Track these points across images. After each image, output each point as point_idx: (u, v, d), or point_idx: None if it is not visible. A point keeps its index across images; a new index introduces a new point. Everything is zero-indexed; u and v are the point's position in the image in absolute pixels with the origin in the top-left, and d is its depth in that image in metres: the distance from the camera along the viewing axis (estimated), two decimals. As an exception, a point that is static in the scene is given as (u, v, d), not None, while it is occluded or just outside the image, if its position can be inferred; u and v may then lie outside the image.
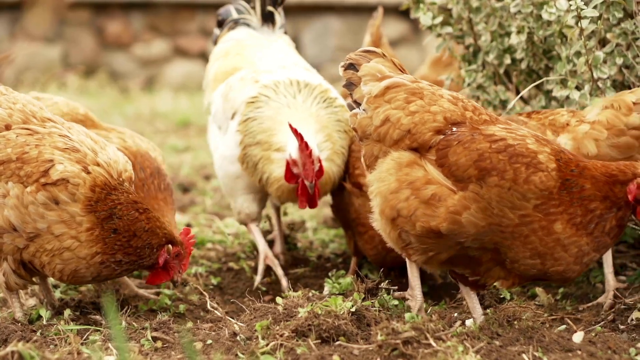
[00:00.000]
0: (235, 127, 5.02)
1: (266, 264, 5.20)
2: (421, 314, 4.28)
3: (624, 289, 4.79)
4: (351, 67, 4.34)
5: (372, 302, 4.48)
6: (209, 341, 4.09)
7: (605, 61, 4.81)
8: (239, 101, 5.05)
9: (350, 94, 4.33)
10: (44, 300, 4.66)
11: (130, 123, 10.21)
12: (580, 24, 4.68)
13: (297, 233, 5.91)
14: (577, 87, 4.84)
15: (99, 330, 4.31)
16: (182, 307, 4.77)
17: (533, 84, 5.04)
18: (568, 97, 4.86)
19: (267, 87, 5.03)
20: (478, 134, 4.01)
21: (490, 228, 3.90)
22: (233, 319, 4.48)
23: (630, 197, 3.87)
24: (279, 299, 4.40)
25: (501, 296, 4.65)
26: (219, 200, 7.29)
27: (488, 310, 4.22)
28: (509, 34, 5.20)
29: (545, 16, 4.87)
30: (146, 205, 4.35)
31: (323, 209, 6.66)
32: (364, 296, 4.56)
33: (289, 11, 5.44)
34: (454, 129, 4.07)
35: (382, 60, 4.33)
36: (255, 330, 4.07)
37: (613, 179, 3.88)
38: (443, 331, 3.98)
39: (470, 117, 4.11)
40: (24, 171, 4.16)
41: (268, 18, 5.49)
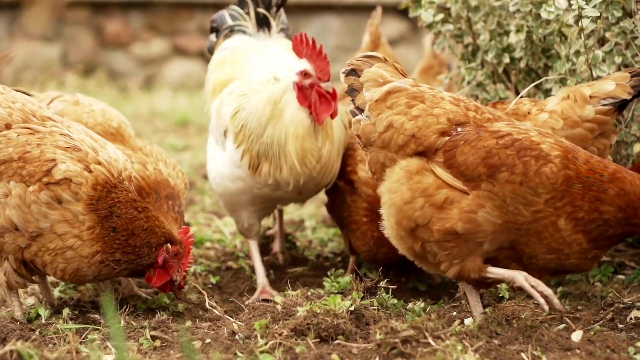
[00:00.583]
0: (232, 145, 4.92)
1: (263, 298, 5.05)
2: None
3: (623, 288, 4.79)
4: (353, 72, 4.31)
5: (371, 301, 4.48)
6: (208, 340, 4.09)
7: (604, 60, 4.81)
8: (228, 118, 4.95)
9: (353, 100, 4.30)
10: (42, 299, 4.66)
11: (129, 122, 10.19)
12: (581, 23, 4.68)
13: (295, 232, 5.91)
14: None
15: (97, 329, 4.30)
16: (180, 306, 4.77)
17: (533, 84, 5.04)
18: (567, 96, 4.86)
19: (246, 94, 4.96)
20: (484, 131, 4.01)
21: (507, 226, 3.90)
22: (232, 318, 4.48)
23: None
24: (277, 298, 4.40)
25: (500, 295, 4.65)
26: (217, 200, 7.28)
27: (487, 309, 4.22)
28: (507, 32, 5.20)
29: (544, 15, 4.87)
30: (145, 204, 4.34)
31: (321, 208, 6.66)
32: (362, 295, 4.55)
33: (287, 10, 5.42)
34: (459, 129, 4.06)
35: (383, 65, 4.30)
36: (254, 329, 4.07)
37: None
38: (442, 330, 3.98)
39: (473, 116, 4.10)
40: (26, 170, 4.16)
41: (263, 23, 5.41)
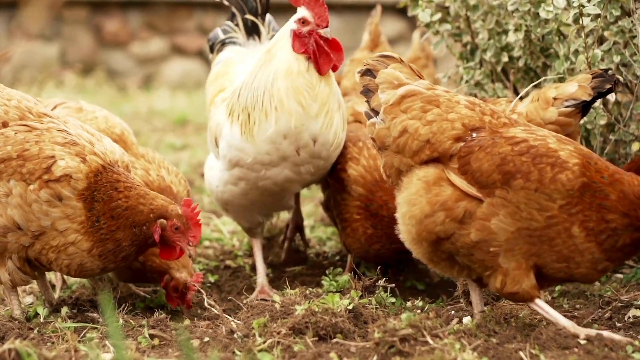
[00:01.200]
0: (227, 128, 4.85)
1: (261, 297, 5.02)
2: None
3: (621, 286, 4.79)
4: (368, 73, 4.26)
5: (370, 300, 4.49)
6: (206, 339, 4.09)
7: (603, 59, 4.81)
8: (215, 126, 4.94)
9: (368, 101, 4.25)
10: (42, 297, 4.66)
11: (128, 121, 10.15)
12: (581, 21, 4.68)
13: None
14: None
15: (96, 328, 4.30)
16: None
17: (532, 84, 5.04)
18: (566, 95, 4.86)
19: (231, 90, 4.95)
20: (499, 137, 3.96)
21: (520, 233, 3.85)
22: (230, 316, 4.48)
23: None
24: (276, 297, 4.41)
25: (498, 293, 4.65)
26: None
27: (485, 308, 4.22)
28: (506, 31, 5.20)
29: (543, 14, 4.87)
30: (131, 184, 4.23)
31: (320, 207, 6.66)
32: (361, 294, 4.56)
33: (287, 10, 5.41)
34: (474, 134, 4.01)
35: (399, 66, 4.25)
36: (253, 328, 4.07)
37: None
38: (440, 329, 3.98)
39: (489, 121, 4.04)
40: (26, 168, 4.15)
41: (252, 30, 5.38)
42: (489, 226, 3.87)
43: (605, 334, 3.89)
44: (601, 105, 4.85)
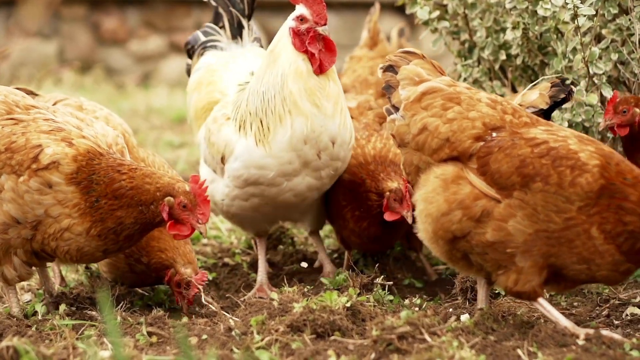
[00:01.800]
0: (243, 141, 4.76)
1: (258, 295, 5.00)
2: None
3: (619, 284, 4.80)
4: (390, 69, 4.23)
5: (367, 298, 4.49)
6: (204, 336, 4.09)
7: (600, 57, 4.82)
8: (223, 144, 4.84)
9: (389, 97, 4.22)
10: (40, 295, 4.66)
11: (126, 119, 10.14)
12: (577, 21, 4.69)
13: (292, 229, 5.90)
14: (573, 83, 4.84)
15: (94, 325, 4.30)
16: (177, 302, 4.78)
17: (532, 85, 5.03)
18: (564, 93, 4.87)
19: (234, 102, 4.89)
20: (519, 138, 3.91)
21: (538, 235, 3.81)
22: (228, 314, 4.49)
23: None
24: (274, 294, 4.41)
25: (496, 291, 4.66)
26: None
27: (483, 306, 4.23)
28: (504, 29, 5.20)
29: (541, 12, 4.87)
30: (135, 166, 4.20)
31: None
32: (359, 291, 4.57)
33: (286, 8, 5.41)
34: (494, 134, 3.97)
35: (421, 62, 4.23)
36: (251, 325, 4.07)
37: None
38: (438, 326, 3.98)
39: (510, 120, 4.00)
40: (15, 160, 4.15)
41: (237, 32, 5.33)
42: (506, 227, 3.84)
43: (605, 333, 3.89)
44: (599, 104, 4.85)
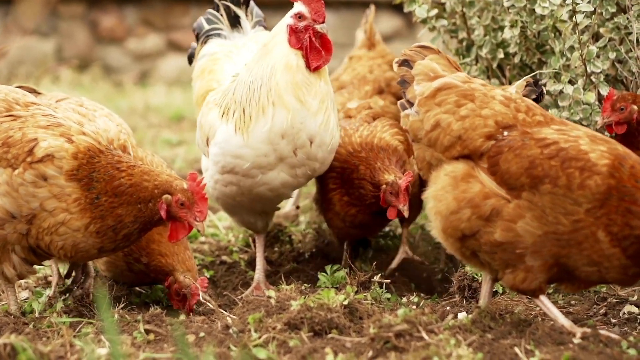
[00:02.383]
0: (224, 127, 4.79)
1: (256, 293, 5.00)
2: None
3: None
4: (405, 63, 4.23)
5: (365, 296, 4.49)
6: (202, 334, 4.09)
7: (598, 56, 4.82)
8: (208, 127, 4.89)
9: (404, 91, 4.21)
10: (37, 293, 4.66)
11: (124, 117, 10.12)
12: (575, 19, 4.69)
13: (290, 227, 5.91)
14: (571, 82, 4.85)
15: (91, 323, 4.30)
16: (174, 301, 4.77)
17: (531, 75, 5.04)
18: (562, 92, 4.88)
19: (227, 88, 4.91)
20: (529, 138, 3.88)
21: (547, 237, 3.79)
22: (226, 311, 4.48)
23: None
24: (271, 292, 4.41)
25: (494, 289, 4.65)
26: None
27: (485, 301, 4.22)
28: (502, 28, 5.19)
29: (539, 10, 4.87)
30: (134, 163, 4.20)
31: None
32: (356, 289, 4.57)
33: (283, 6, 5.41)
34: (505, 133, 3.94)
35: (436, 57, 4.22)
36: (248, 323, 4.07)
37: None
38: (435, 324, 3.98)
39: (523, 119, 3.97)
40: (11, 154, 4.15)
41: (235, 21, 5.36)
42: (515, 228, 3.82)
43: (602, 331, 3.89)
44: (596, 102, 4.85)
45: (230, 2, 5.36)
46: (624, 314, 4.40)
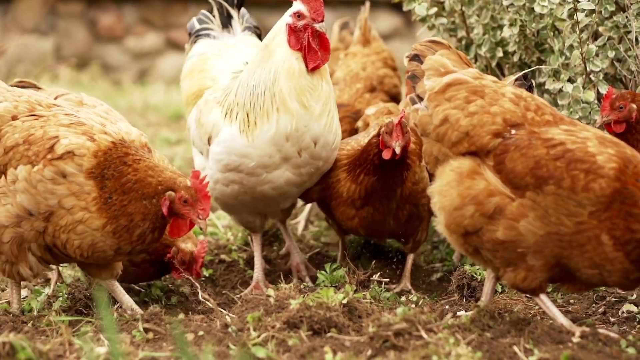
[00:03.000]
0: (227, 128, 4.81)
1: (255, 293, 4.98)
2: None
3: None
4: (416, 58, 4.22)
5: (364, 294, 4.49)
6: (201, 333, 4.09)
7: (597, 54, 4.82)
8: (211, 125, 4.88)
9: (414, 86, 4.20)
10: (36, 291, 4.65)
11: (123, 116, 10.16)
12: (576, 17, 4.68)
13: (290, 226, 5.90)
14: (570, 80, 4.85)
15: (90, 322, 4.30)
16: (173, 299, 4.77)
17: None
18: (561, 90, 4.88)
19: (227, 87, 4.92)
20: (536, 138, 3.86)
21: (549, 237, 3.78)
22: (225, 310, 4.48)
23: None
24: (270, 291, 4.41)
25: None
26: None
27: (480, 302, 4.22)
28: (501, 26, 5.20)
29: (538, 9, 4.87)
30: (140, 157, 4.20)
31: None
32: (355, 288, 4.56)
33: (282, 5, 5.40)
34: (513, 131, 3.92)
35: (447, 52, 4.21)
36: (247, 322, 4.07)
37: None
38: (434, 323, 3.98)
39: (531, 117, 3.94)
40: (31, 151, 4.15)
41: (227, 21, 5.37)
42: (517, 227, 3.81)
43: (601, 331, 3.88)
44: (595, 101, 4.86)
45: (225, 1, 5.36)
46: (622, 312, 4.40)
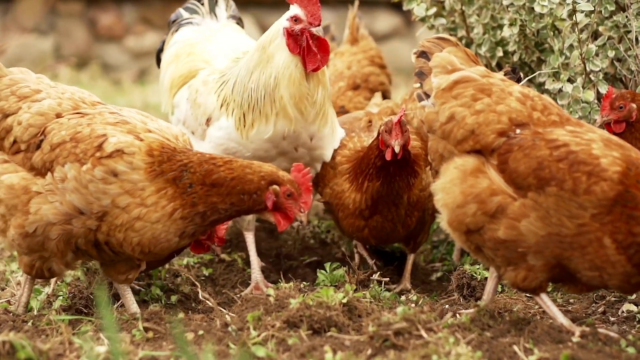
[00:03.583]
0: (224, 121, 4.86)
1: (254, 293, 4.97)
2: None
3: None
4: (423, 55, 4.22)
5: (364, 294, 4.49)
6: (201, 332, 4.09)
7: (597, 54, 4.82)
8: (211, 107, 4.92)
9: (421, 83, 4.20)
10: (36, 291, 4.66)
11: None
12: (575, 17, 4.69)
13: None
14: (570, 80, 4.85)
15: (90, 321, 4.30)
16: (173, 298, 4.77)
17: (526, 79, 5.04)
18: (561, 90, 4.88)
19: (225, 74, 4.96)
20: (540, 139, 3.84)
21: (550, 238, 3.77)
22: (225, 309, 4.48)
23: None
24: (270, 290, 4.41)
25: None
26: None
27: (479, 302, 4.23)
28: (501, 26, 5.20)
29: (538, 9, 4.87)
30: (228, 159, 4.20)
31: (318, 202, 6.65)
32: (355, 287, 4.57)
33: (281, 5, 5.40)
34: (518, 131, 3.91)
35: (455, 49, 4.20)
36: (247, 321, 4.07)
37: None
38: (434, 322, 3.99)
39: (537, 117, 3.93)
40: (79, 149, 4.12)
41: (214, 7, 5.45)
42: (518, 227, 3.81)
43: (601, 330, 3.89)
44: (595, 101, 4.86)
45: None
46: (622, 312, 4.40)
